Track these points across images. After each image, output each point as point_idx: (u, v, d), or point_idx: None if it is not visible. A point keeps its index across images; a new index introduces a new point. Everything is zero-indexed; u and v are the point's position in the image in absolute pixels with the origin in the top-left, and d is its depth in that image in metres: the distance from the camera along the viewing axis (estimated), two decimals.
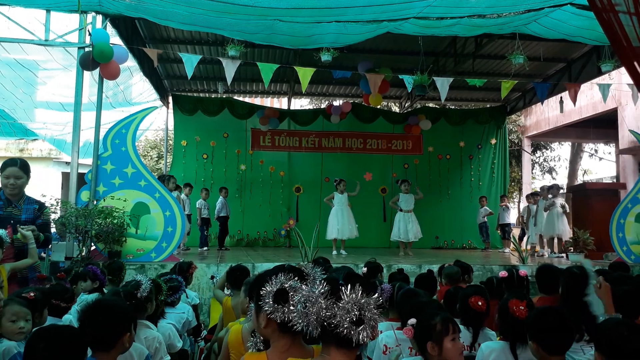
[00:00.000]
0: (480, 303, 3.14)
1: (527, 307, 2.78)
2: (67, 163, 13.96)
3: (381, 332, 3.24)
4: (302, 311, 1.75)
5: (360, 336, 1.65)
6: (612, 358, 2.18)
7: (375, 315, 1.67)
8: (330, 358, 1.76)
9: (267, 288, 1.93)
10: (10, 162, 4.59)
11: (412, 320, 2.63)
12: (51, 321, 3.23)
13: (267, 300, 1.91)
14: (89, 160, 8.46)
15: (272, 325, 1.99)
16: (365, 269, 4.83)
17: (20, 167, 4.55)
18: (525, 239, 11.87)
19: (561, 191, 11.39)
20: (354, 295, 1.66)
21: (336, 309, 1.65)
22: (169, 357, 3.24)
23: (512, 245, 11.83)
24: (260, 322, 2.03)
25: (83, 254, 7.25)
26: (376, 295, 1.70)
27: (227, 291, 4.72)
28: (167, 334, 3.58)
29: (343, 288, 1.68)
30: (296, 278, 1.95)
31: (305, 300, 1.74)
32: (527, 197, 12.92)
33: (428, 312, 2.66)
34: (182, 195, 10.84)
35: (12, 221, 4.44)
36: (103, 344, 2.31)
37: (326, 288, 1.71)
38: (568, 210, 10.97)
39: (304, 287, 1.82)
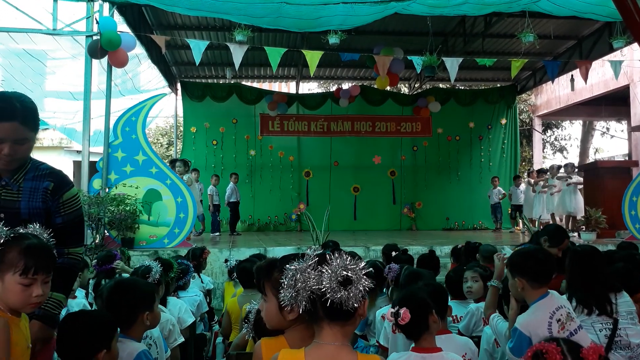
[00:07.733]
0: None
1: None
2: (78, 152, 14.01)
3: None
4: (290, 283, 1.67)
5: (349, 299, 1.58)
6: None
7: (366, 281, 1.61)
8: (323, 338, 1.66)
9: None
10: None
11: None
12: None
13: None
14: (100, 149, 8.54)
15: (294, 315, 1.82)
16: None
17: (22, 121, 2.14)
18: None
19: (575, 170, 11.29)
20: (340, 261, 1.62)
21: (324, 274, 1.61)
22: (183, 339, 3.27)
23: (521, 224, 11.80)
24: (286, 314, 1.82)
25: (97, 241, 7.36)
26: (364, 264, 1.64)
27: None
28: (177, 307, 3.61)
29: (330, 255, 1.65)
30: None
31: (295, 272, 1.66)
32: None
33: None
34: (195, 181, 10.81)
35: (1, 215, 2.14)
36: (121, 322, 2.35)
37: (316, 260, 1.66)
38: (580, 186, 10.89)
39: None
